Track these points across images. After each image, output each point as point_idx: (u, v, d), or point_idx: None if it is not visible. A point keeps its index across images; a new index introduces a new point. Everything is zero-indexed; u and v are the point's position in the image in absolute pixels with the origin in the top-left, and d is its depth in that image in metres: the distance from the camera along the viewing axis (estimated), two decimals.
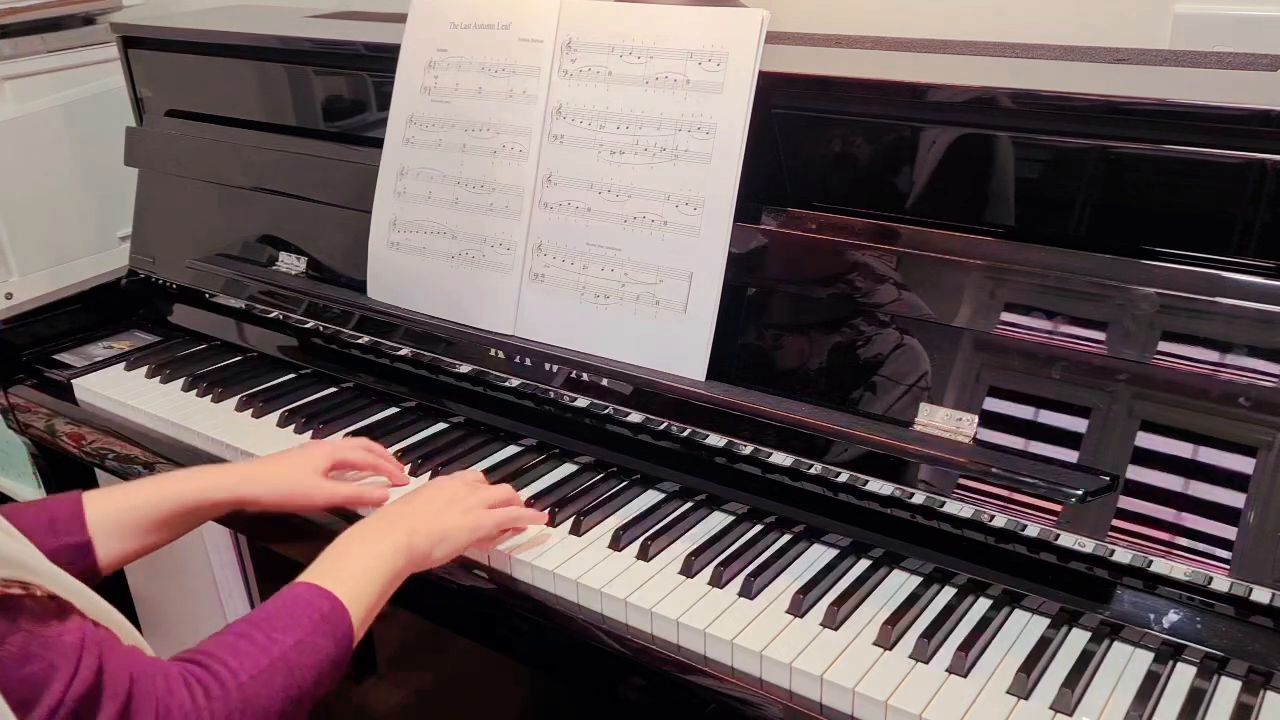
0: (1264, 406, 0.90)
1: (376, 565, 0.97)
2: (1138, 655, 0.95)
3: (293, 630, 0.88)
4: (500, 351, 1.31)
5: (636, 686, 1.04)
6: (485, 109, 1.31)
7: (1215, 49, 1.26)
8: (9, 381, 1.60)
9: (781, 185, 1.17)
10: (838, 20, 1.62)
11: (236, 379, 1.52)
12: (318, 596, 0.92)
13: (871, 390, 1.09)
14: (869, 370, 1.09)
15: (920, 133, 1.07)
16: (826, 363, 1.12)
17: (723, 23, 1.15)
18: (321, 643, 0.89)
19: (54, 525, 1.04)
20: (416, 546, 1.01)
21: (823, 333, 1.12)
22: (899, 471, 1.05)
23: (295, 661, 0.87)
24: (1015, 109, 1.01)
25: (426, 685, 2.11)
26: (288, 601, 0.91)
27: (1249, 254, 0.94)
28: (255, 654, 0.85)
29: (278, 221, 1.57)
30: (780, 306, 1.15)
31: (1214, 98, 0.94)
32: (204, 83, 1.68)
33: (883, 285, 1.07)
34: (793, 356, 1.14)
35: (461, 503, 1.08)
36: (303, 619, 0.89)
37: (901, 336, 1.07)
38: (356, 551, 0.99)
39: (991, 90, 1.02)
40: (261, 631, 0.87)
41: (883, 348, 1.08)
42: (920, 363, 1.06)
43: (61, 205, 1.87)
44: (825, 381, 1.12)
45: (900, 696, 0.91)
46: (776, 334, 1.15)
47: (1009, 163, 1.04)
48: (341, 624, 0.91)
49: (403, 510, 1.06)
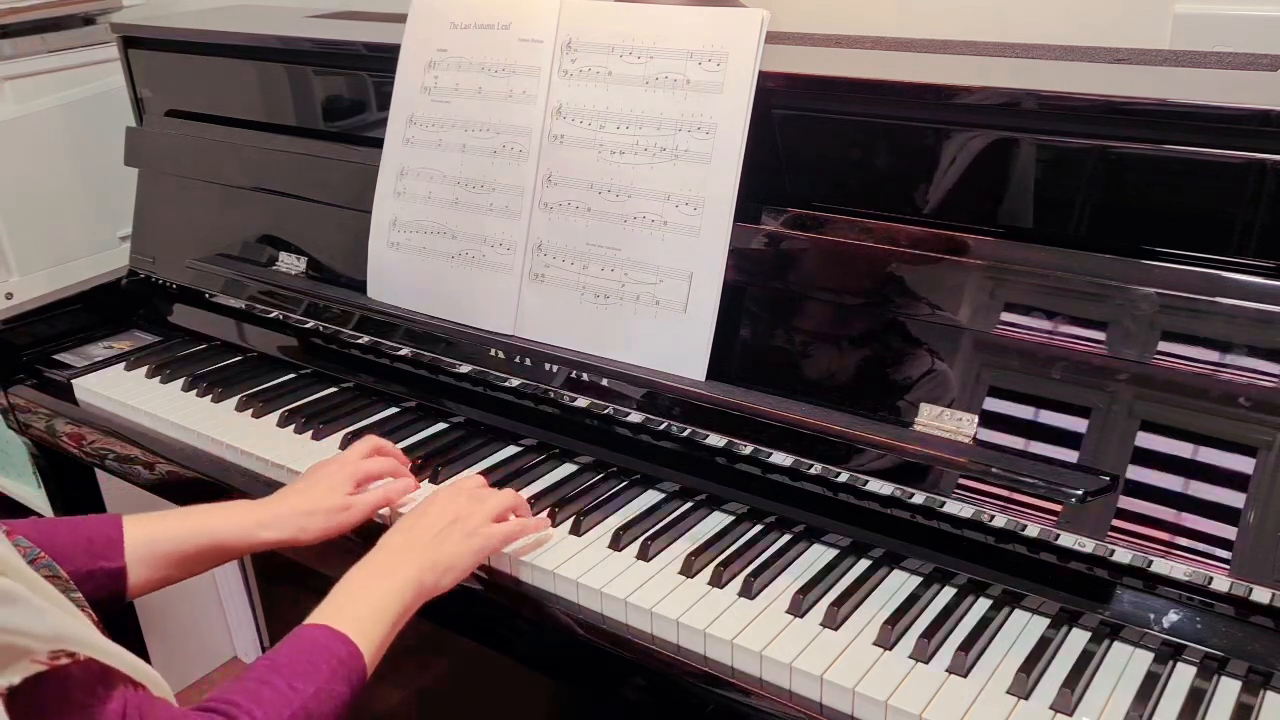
0: (1264, 406, 0.90)
1: (388, 605, 0.98)
2: (1138, 655, 0.95)
3: (312, 678, 0.89)
4: (500, 351, 1.31)
5: (637, 687, 1.04)
6: (485, 109, 1.31)
7: (1215, 49, 1.26)
8: (9, 381, 1.60)
9: (781, 185, 1.17)
10: (838, 20, 1.62)
11: (236, 379, 1.52)
12: (333, 640, 0.92)
13: (871, 390, 1.09)
14: (869, 370, 1.09)
15: (920, 133, 1.07)
16: (826, 363, 1.12)
17: (723, 23, 1.15)
18: (339, 688, 0.90)
19: (92, 547, 1.04)
20: (424, 581, 1.02)
21: (822, 333, 1.12)
22: (899, 471, 1.05)
23: (315, 709, 0.88)
24: (1016, 109, 1.01)
25: (426, 685, 2.11)
26: (305, 646, 0.92)
27: (1249, 254, 0.94)
28: (279, 704, 0.86)
29: (278, 221, 1.57)
30: (780, 306, 1.15)
31: (1214, 98, 0.94)
32: (204, 83, 1.68)
33: (882, 285, 1.07)
34: (793, 356, 1.14)
35: (465, 522, 1.07)
36: (321, 665, 0.90)
37: (901, 336, 1.07)
38: (368, 591, 0.99)
39: (992, 90, 1.02)
40: (283, 679, 0.88)
41: (882, 347, 1.08)
42: (920, 363, 1.06)
43: (61, 205, 1.87)
44: (825, 381, 1.12)
45: (900, 696, 0.91)
46: (776, 334, 1.15)
47: (1009, 163, 1.04)
48: (357, 669, 0.93)
49: (408, 541, 1.05)
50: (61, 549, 1.00)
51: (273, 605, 2.32)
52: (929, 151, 1.07)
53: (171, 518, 1.11)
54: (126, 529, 1.06)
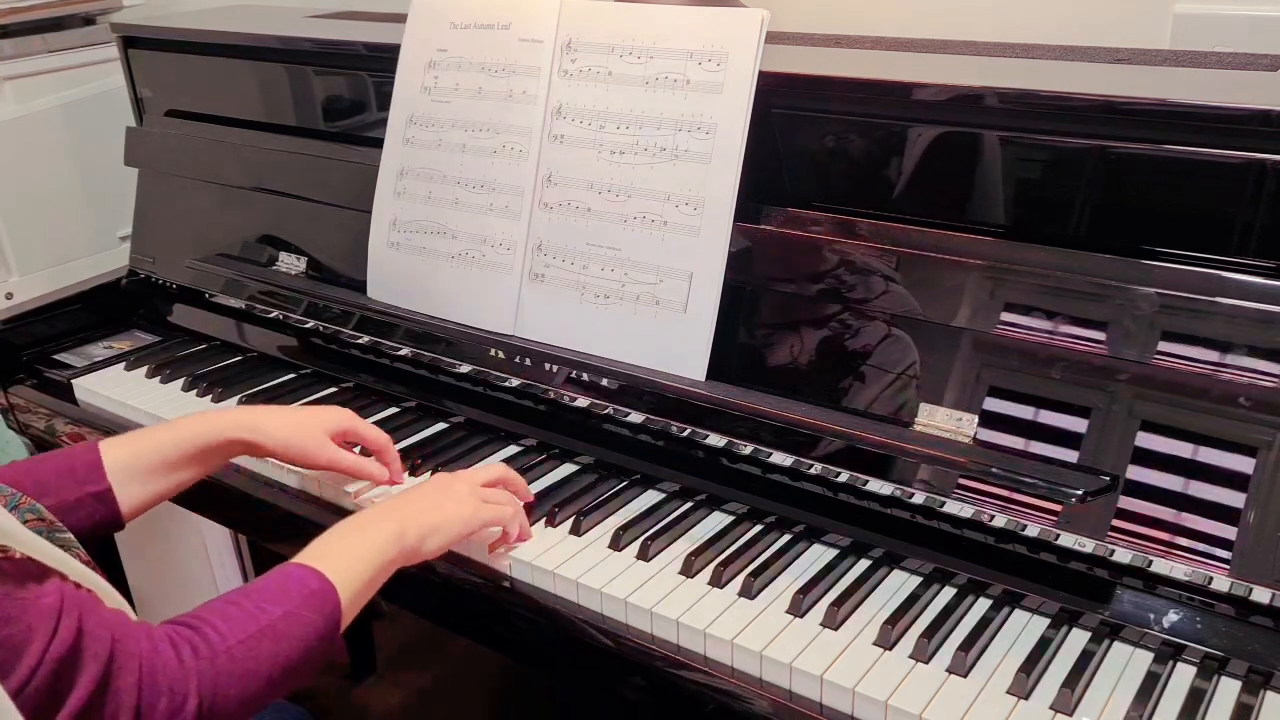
0: (1264, 406, 0.90)
1: (368, 552, 0.98)
2: (1138, 655, 0.95)
3: (282, 602, 0.89)
4: (500, 351, 1.31)
5: (636, 686, 1.04)
6: (485, 109, 1.31)
7: (1215, 49, 1.26)
8: (9, 381, 1.60)
9: (781, 185, 1.17)
10: (838, 20, 1.62)
11: (237, 379, 1.52)
12: (308, 575, 0.93)
13: (872, 390, 1.09)
14: (869, 370, 1.09)
15: (920, 133, 1.07)
16: (826, 362, 1.12)
17: (723, 23, 1.15)
18: (310, 616, 0.90)
19: (74, 474, 1.05)
20: (407, 537, 1.02)
21: (822, 333, 1.12)
22: (899, 471, 1.05)
23: (284, 631, 0.88)
24: (1015, 109, 1.01)
25: (426, 685, 2.11)
26: (278, 577, 0.93)
27: (1249, 254, 0.94)
28: (244, 620, 0.86)
29: (278, 221, 1.57)
30: (780, 306, 1.15)
31: (1214, 98, 0.94)
32: (204, 83, 1.68)
33: (883, 285, 1.07)
34: (793, 356, 1.14)
35: (454, 494, 1.09)
36: (292, 593, 0.91)
37: (901, 336, 1.07)
38: (349, 538, 1.00)
39: (992, 90, 1.02)
40: (251, 601, 0.89)
41: (883, 347, 1.08)
42: (920, 363, 1.06)
43: (61, 205, 1.87)
44: (825, 381, 1.12)
45: (900, 696, 0.91)
46: (776, 334, 1.15)
47: (1009, 163, 1.04)
48: (329, 601, 0.92)
49: (397, 503, 1.07)
50: (46, 483, 1.02)
51: None
52: (928, 152, 1.07)
53: (150, 430, 1.14)
54: (104, 450, 1.08)
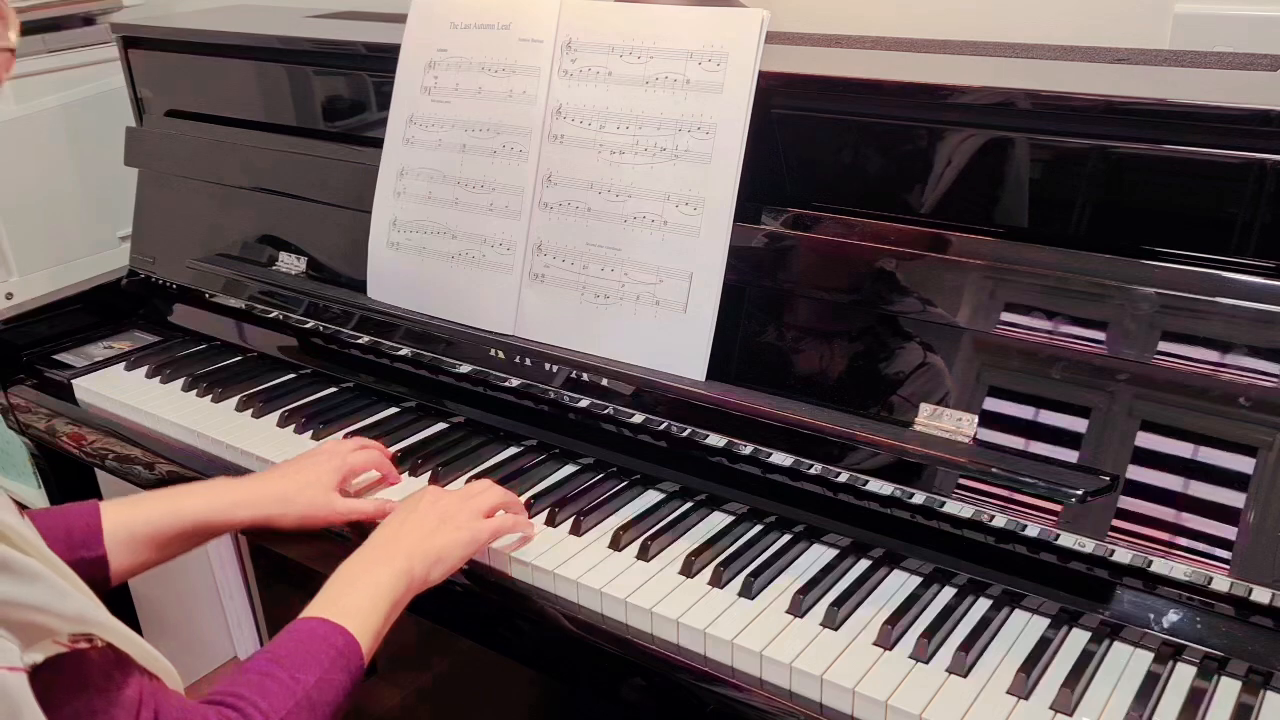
0: (1264, 406, 0.90)
1: (382, 595, 0.99)
2: (1138, 655, 0.95)
3: (313, 668, 0.90)
4: (500, 351, 1.31)
5: (637, 687, 1.04)
6: (485, 109, 1.31)
7: (1215, 49, 1.26)
8: (9, 381, 1.60)
9: (781, 185, 1.17)
10: (838, 20, 1.62)
11: (236, 379, 1.52)
12: (331, 632, 0.94)
13: (871, 390, 1.09)
14: (869, 370, 1.09)
15: (920, 133, 1.07)
16: (826, 363, 1.12)
17: (722, 23, 1.15)
18: (339, 678, 0.91)
19: (71, 537, 1.05)
20: (415, 572, 1.03)
21: (822, 333, 1.12)
22: (899, 471, 1.05)
23: (317, 699, 0.89)
24: (1016, 109, 1.01)
25: (426, 685, 2.11)
26: (304, 638, 0.93)
27: (1249, 254, 0.94)
28: (282, 695, 0.87)
29: (278, 221, 1.57)
30: (780, 307, 1.15)
31: (1214, 98, 0.94)
32: (204, 83, 1.68)
33: (883, 285, 1.07)
34: (792, 356, 1.14)
35: (454, 517, 1.08)
36: (320, 656, 0.91)
37: (901, 336, 1.07)
38: (359, 581, 1.00)
39: (992, 90, 1.02)
40: (285, 670, 0.89)
41: (882, 348, 1.08)
42: (920, 363, 1.06)
43: (61, 205, 1.87)
44: (825, 381, 1.12)
45: (900, 696, 0.91)
46: (776, 334, 1.15)
47: (1009, 163, 1.04)
48: (355, 657, 0.94)
49: (399, 534, 1.06)
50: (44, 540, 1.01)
51: (273, 605, 2.32)
52: (928, 152, 1.07)
53: (149, 500, 1.12)
54: (105, 516, 1.07)
